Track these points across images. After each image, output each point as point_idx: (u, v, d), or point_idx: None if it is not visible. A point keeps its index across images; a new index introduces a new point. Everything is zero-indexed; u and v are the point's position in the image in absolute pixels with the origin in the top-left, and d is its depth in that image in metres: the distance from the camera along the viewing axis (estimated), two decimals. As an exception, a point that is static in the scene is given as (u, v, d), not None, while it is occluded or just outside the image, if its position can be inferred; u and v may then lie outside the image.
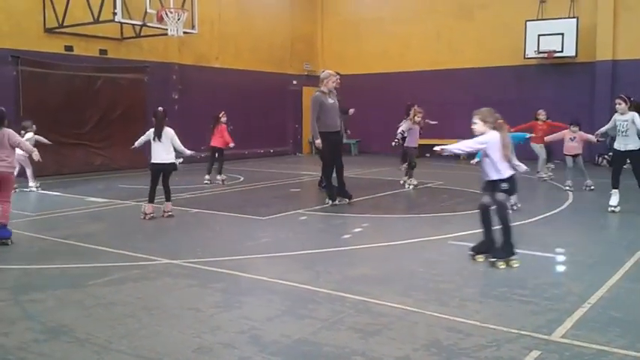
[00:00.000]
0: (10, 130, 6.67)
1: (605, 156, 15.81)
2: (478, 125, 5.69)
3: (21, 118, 13.09)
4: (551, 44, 16.39)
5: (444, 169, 14.72)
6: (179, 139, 8.34)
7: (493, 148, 5.64)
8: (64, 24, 13.87)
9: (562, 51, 16.34)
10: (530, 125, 12.29)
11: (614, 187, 8.48)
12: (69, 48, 14.48)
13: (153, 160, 8.28)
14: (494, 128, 5.67)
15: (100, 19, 13.64)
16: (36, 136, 10.90)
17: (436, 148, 5.81)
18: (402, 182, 11.56)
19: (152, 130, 8.23)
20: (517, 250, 5.70)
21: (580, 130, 10.93)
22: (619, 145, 8.40)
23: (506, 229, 5.68)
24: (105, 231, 7.63)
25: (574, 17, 16.38)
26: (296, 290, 4.87)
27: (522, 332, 3.90)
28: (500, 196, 5.75)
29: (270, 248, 6.41)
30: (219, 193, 10.93)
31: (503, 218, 5.69)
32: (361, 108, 16.41)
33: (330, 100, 9.28)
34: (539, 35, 16.59)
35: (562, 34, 16.27)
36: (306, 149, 21.05)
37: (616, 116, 8.41)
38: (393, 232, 7.33)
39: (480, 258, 5.77)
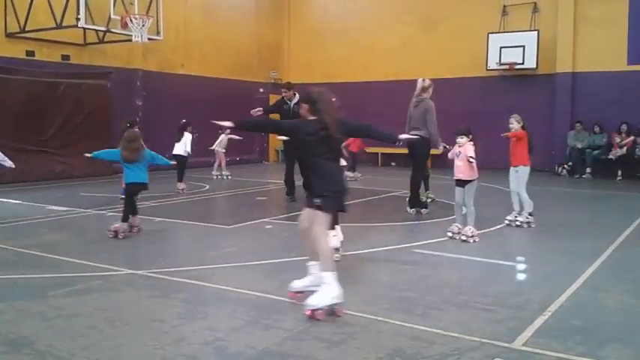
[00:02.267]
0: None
1: (565, 165, 16.21)
2: None
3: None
4: (512, 56, 16.74)
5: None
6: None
7: None
8: (26, 29, 13.61)
9: (523, 63, 16.69)
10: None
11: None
12: (30, 53, 14.21)
13: None
14: None
15: (63, 25, 13.45)
16: (229, 136, 14.73)
17: None
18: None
19: None
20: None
21: (472, 141, 7.40)
22: None
23: None
24: (66, 240, 7.48)
25: (535, 30, 16.77)
26: (261, 300, 4.85)
27: (484, 340, 3.96)
28: None
29: (234, 258, 6.37)
30: (183, 202, 10.83)
31: None
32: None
33: None
34: (500, 47, 16.92)
35: (523, 47, 16.62)
36: (273, 157, 21.03)
37: None
38: (358, 241, 7.36)
39: None
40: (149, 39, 14.29)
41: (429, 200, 10.38)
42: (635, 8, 15.72)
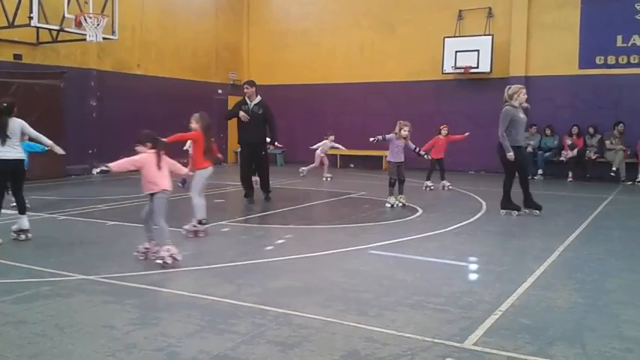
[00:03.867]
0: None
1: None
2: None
3: None
4: (467, 60, 17.05)
5: (367, 180, 14.97)
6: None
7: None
8: (-24, 27, 13.23)
9: (477, 67, 17.02)
10: (434, 141, 13.01)
11: None
12: (-20, 52, 13.81)
13: None
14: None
15: (15, 24, 13.12)
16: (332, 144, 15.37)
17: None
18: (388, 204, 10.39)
19: None
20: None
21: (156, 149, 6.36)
22: None
23: None
24: (16, 245, 7.27)
25: (489, 35, 17.11)
26: (216, 304, 4.82)
27: (436, 340, 4.03)
28: None
29: (190, 261, 6.29)
30: (138, 205, 10.62)
31: None
32: (287, 118, 16.53)
33: (521, 115, 9.23)
34: (456, 51, 17.23)
35: (478, 51, 16.96)
36: (232, 159, 20.89)
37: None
38: (315, 243, 7.39)
39: None
40: (104, 38, 14.05)
41: (399, 205, 10.30)
42: (587, 14, 16.22)
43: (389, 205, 10.28)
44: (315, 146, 15.45)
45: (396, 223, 8.92)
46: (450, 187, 12.91)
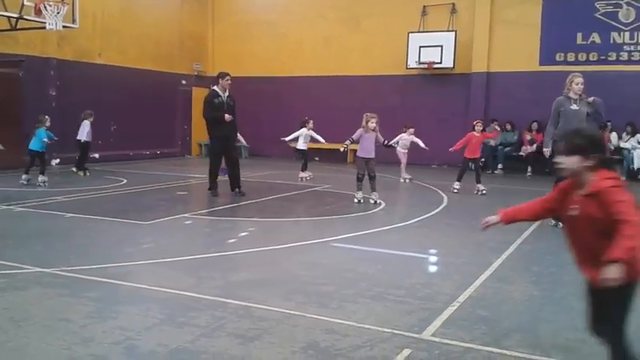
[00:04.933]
0: None
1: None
2: None
3: None
4: (431, 55, 17.22)
5: (332, 173, 15.02)
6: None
7: None
8: None
9: (441, 62, 17.19)
10: (468, 138, 11.93)
11: None
12: None
13: None
14: None
15: (-28, 11, 12.71)
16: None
17: None
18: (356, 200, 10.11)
19: None
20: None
21: None
22: None
23: None
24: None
25: (453, 31, 17.30)
26: (176, 297, 4.79)
27: (395, 331, 4.08)
28: None
29: (151, 254, 6.24)
30: (98, 197, 10.48)
31: None
32: (252, 110, 16.43)
33: (574, 107, 8.35)
34: (420, 47, 17.38)
35: (441, 47, 17.13)
36: (196, 151, 20.70)
37: None
38: (278, 236, 7.39)
39: None
40: (64, 27, 13.72)
41: (371, 202, 10.00)
42: (548, 11, 16.53)
43: (356, 201, 10.12)
44: (392, 142, 12.88)
45: (359, 216, 8.98)
46: (484, 193, 11.39)
